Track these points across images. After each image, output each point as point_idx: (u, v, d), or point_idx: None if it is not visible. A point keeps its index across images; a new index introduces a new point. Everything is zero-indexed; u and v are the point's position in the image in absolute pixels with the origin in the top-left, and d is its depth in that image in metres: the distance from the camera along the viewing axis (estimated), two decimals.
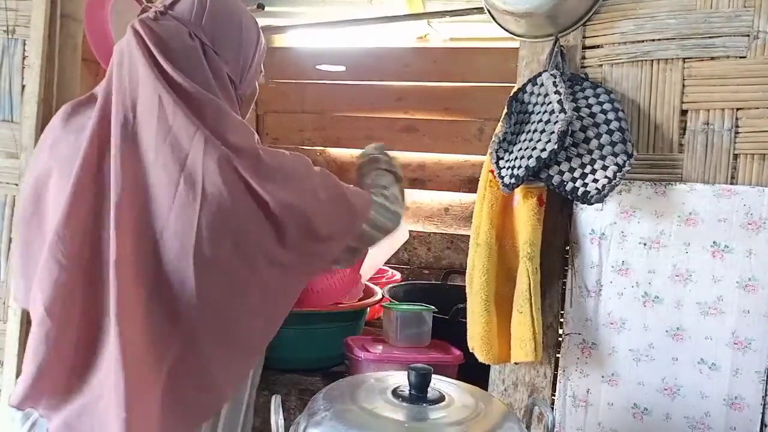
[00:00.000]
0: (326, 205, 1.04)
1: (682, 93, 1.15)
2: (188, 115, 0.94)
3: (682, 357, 1.12)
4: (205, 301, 0.94)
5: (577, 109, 1.12)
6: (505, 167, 1.16)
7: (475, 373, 1.28)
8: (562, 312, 1.23)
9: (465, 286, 1.28)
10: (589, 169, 1.10)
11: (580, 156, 1.10)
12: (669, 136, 1.16)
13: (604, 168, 1.08)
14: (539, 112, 1.16)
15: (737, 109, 1.11)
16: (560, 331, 1.23)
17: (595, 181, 1.08)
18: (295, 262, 1.02)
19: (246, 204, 0.95)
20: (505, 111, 1.25)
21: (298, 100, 2.71)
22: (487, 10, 1.31)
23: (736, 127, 1.11)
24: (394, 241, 1.94)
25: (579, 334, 1.20)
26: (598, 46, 1.23)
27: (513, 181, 1.13)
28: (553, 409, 1.21)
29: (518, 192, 1.19)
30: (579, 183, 1.09)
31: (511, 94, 1.25)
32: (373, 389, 0.93)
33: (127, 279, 0.91)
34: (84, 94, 1.06)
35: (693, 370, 1.11)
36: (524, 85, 1.23)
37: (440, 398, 0.90)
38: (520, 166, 1.12)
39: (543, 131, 1.12)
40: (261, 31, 1.13)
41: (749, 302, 1.07)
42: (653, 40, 1.17)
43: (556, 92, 1.13)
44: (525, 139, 1.16)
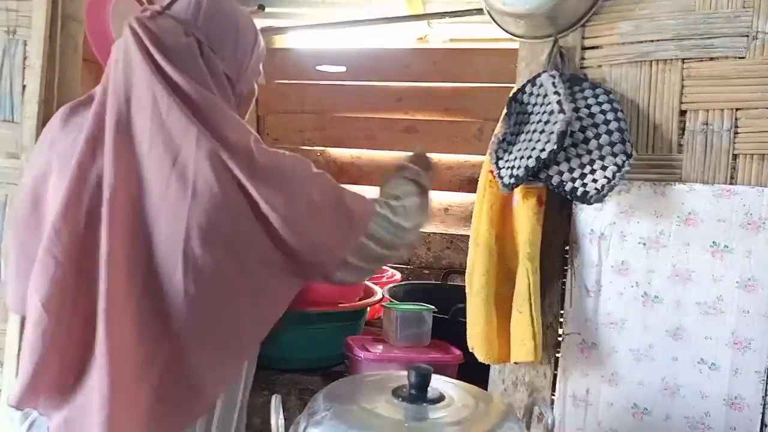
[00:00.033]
0: (320, 210, 1.00)
1: (682, 93, 1.15)
2: (183, 110, 0.94)
3: (682, 357, 1.12)
4: (192, 299, 0.92)
5: (577, 110, 1.13)
6: (504, 167, 1.17)
7: (475, 373, 1.28)
8: (562, 312, 1.23)
9: (465, 286, 1.28)
10: (588, 170, 1.10)
11: (579, 156, 1.11)
12: (668, 136, 1.16)
13: (604, 168, 1.08)
14: (539, 113, 1.16)
15: (736, 110, 1.11)
16: (560, 331, 1.23)
17: (595, 181, 1.08)
18: (288, 265, 0.99)
19: (238, 202, 0.94)
20: (505, 111, 1.26)
21: (299, 101, 2.72)
22: (487, 11, 1.31)
23: (736, 127, 1.11)
24: None
25: (579, 334, 1.20)
26: (597, 47, 1.23)
27: (513, 181, 1.13)
28: (552, 408, 1.21)
29: (518, 192, 1.19)
30: (578, 183, 1.09)
31: (511, 94, 1.25)
32: (373, 389, 0.93)
33: (119, 275, 0.91)
34: (85, 94, 1.06)
35: (693, 370, 1.11)
36: (524, 86, 1.23)
37: (440, 398, 0.90)
38: (520, 167, 1.12)
39: (542, 131, 1.12)
40: (259, 31, 1.13)
41: (749, 302, 1.07)
42: (652, 41, 1.17)
43: (556, 93, 1.13)
44: (524, 140, 1.16)
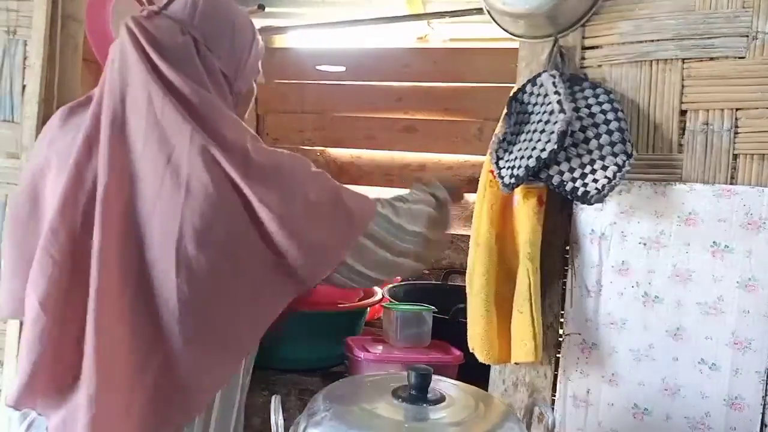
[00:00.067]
0: (317, 209, 0.99)
1: (682, 93, 1.15)
2: (177, 110, 0.93)
3: (683, 357, 1.12)
4: (186, 300, 0.91)
5: (577, 110, 1.13)
6: (505, 167, 1.17)
7: (475, 374, 1.28)
8: (562, 312, 1.23)
9: (465, 286, 1.28)
10: (588, 169, 1.10)
11: (579, 156, 1.11)
12: (668, 136, 1.16)
13: (604, 168, 1.08)
14: (539, 113, 1.16)
15: (736, 110, 1.11)
16: (560, 331, 1.23)
17: (595, 181, 1.08)
18: (284, 266, 0.98)
19: (232, 202, 0.93)
20: (505, 111, 1.25)
21: (298, 101, 2.71)
22: (487, 11, 1.31)
23: (736, 127, 1.11)
24: None
25: (579, 334, 1.20)
26: (597, 47, 1.23)
27: (513, 181, 1.13)
28: (553, 409, 1.21)
29: (518, 192, 1.19)
30: (579, 183, 1.09)
31: (511, 94, 1.25)
32: (373, 390, 0.93)
33: (111, 275, 0.90)
34: (85, 94, 1.06)
35: (693, 370, 1.11)
36: (524, 86, 1.23)
37: (440, 399, 0.90)
38: (520, 166, 1.12)
39: (543, 131, 1.12)
40: (257, 30, 1.12)
41: (749, 302, 1.07)
42: (652, 41, 1.17)
43: (556, 92, 1.13)
44: (525, 140, 1.16)
